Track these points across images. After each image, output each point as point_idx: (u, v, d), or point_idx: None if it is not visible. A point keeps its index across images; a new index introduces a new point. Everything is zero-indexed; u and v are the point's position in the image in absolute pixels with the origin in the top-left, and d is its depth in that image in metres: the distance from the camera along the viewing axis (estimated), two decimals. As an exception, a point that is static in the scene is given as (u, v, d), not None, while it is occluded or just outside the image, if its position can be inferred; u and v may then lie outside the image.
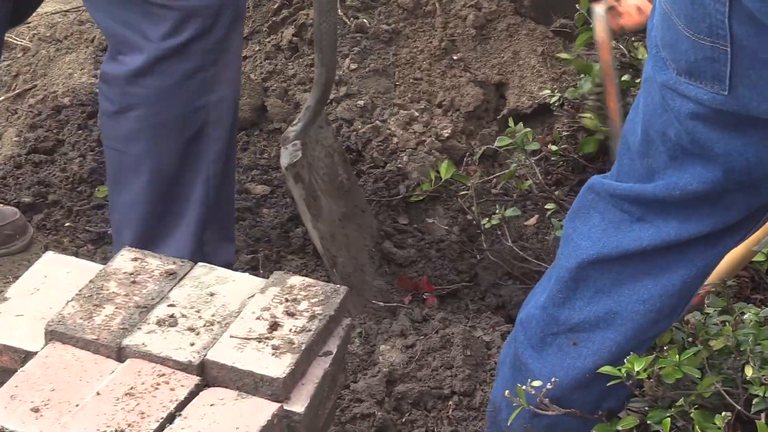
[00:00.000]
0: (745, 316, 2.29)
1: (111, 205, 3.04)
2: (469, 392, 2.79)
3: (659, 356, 2.17)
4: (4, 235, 3.26)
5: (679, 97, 1.97)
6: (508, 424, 2.25)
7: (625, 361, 2.12)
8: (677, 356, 2.15)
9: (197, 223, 2.94)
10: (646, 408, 2.25)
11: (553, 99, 3.53)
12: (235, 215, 3.16)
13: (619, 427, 2.21)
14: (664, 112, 2.02)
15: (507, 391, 2.16)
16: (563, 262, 2.18)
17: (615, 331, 2.13)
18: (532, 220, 3.40)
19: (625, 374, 2.11)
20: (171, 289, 2.30)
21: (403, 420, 2.74)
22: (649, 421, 2.21)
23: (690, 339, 2.27)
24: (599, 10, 2.91)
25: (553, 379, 2.16)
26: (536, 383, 2.16)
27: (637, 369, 2.10)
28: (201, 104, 2.85)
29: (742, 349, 2.21)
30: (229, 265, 2.85)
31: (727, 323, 2.24)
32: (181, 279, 2.32)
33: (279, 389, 2.11)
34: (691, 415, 2.11)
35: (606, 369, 2.13)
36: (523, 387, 2.18)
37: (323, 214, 3.17)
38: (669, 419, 2.13)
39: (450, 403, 2.78)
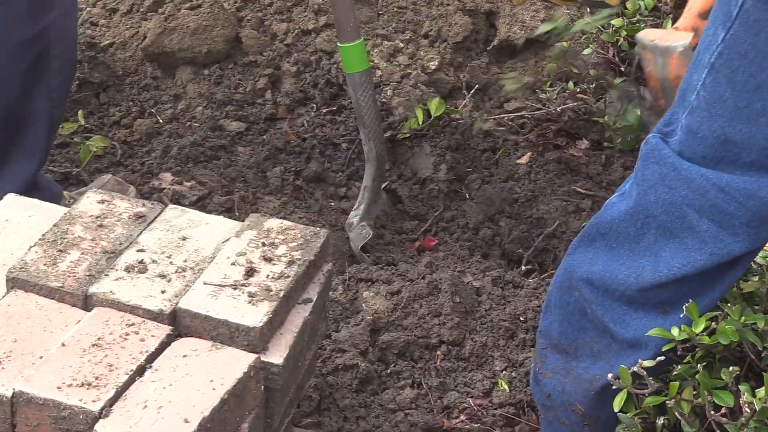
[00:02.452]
0: None
1: None
2: (458, 341, 2.81)
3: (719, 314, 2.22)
4: None
5: None
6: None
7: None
8: (741, 318, 2.18)
9: (46, 140, 2.93)
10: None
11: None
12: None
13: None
14: None
15: (610, 375, 2.19)
16: (668, 259, 2.19)
17: (707, 299, 2.18)
18: (525, 158, 3.40)
19: (680, 339, 2.14)
20: (140, 233, 2.30)
21: (389, 371, 2.76)
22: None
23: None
24: (651, 43, 2.95)
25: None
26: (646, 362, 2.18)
27: (696, 331, 2.13)
28: (43, 24, 2.79)
29: None
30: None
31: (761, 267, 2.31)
32: (151, 222, 2.35)
33: (256, 339, 2.10)
34: (697, 375, 2.13)
35: (655, 332, 2.16)
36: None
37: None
38: (677, 383, 2.15)
39: (438, 353, 2.79)
